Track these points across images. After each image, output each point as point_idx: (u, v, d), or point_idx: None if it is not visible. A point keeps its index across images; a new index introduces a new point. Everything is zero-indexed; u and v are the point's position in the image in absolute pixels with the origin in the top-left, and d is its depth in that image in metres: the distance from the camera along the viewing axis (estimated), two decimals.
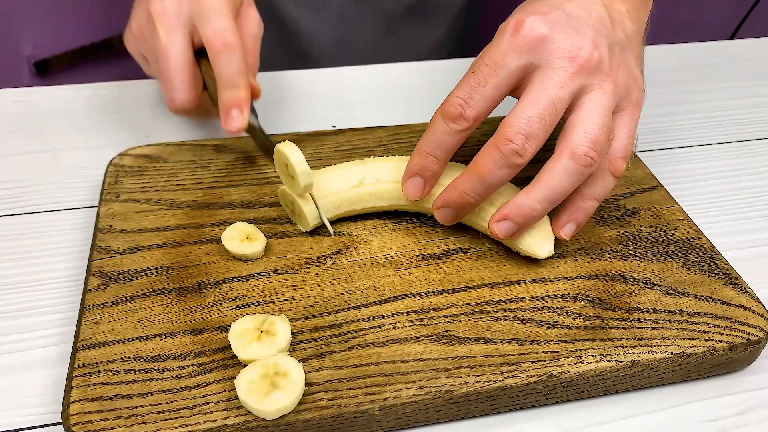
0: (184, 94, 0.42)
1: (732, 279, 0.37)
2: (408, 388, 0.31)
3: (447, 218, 0.38)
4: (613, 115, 0.36)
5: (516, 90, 0.36)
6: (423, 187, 0.38)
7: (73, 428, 0.29)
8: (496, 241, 0.39)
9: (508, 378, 0.32)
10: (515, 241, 0.37)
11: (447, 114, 0.35)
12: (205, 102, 0.45)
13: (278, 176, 0.44)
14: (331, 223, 0.39)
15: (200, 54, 0.43)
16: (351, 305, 0.35)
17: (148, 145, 0.45)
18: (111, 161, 0.44)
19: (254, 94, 0.43)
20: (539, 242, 0.37)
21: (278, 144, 0.37)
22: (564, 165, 0.34)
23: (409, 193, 0.38)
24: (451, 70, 0.60)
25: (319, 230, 0.40)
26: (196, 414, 0.30)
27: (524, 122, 0.34)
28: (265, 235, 0.38)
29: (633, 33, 0.38)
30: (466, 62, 0.61)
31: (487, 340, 0.33)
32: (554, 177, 0.34)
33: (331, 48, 0.71)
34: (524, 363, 0.32)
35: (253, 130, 0.43)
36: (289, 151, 0.36)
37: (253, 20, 0.45)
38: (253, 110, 0.43)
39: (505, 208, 0.36)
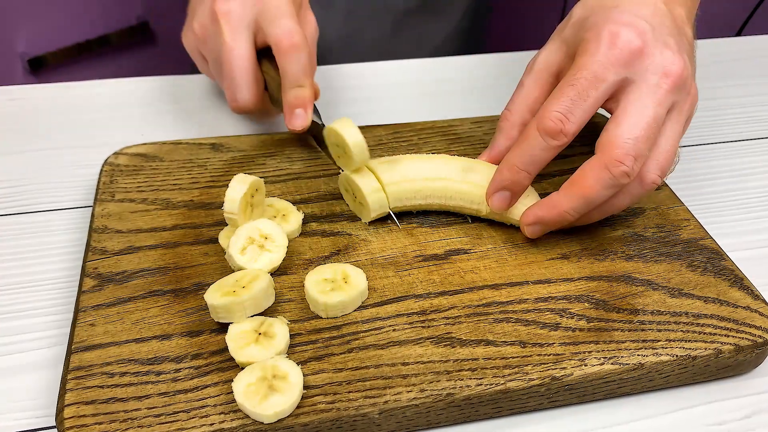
0: (248, 94, 0.43)
1: (738, 280, 0.37)
2: (408, 391, 0.30)
3: (537, 233, 0.38)
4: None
5: (605, 102, 0.36)
6: (510, 201, 0.37)
7: None
8: (498, 242, 0.39)
9: (511, 381, 0.31)
10: (508, 214, 0.38)
11: (546, 129, 0.34)
12: (265, 104, 0.46)
13: (275, 176, 0.43)
14: (335, 232, 0.39)
15: (260, 54, 0.44)
16: None
17: (143, 144, 0.45)
18: (106, 160, 0.43)
19: (315, 94, 0.44)
20: None
21: (330, 124, 0.38)
22: (636, 190, 0.36)
23: (496, 206, 0.38)
24: (458, 67, 0.59)
25: (318, 232, 0.39)
26: (192, 417, 0.29)
27: (633, 143, 0.34)
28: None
29: (691, 39, 0.39)
30: (474, 59, 0.60)
31: (488, 342, 0.33)
32: (597, 191, 0.35)
33: (338, 44, 0.70)
34: (527, 365, 0.32)
35: (317, 127, 0.43)
36: (341, 127, 0.37)
37: (312, 22, 0.46)
38: (315, 110, 0.44)
39: (541, 210, 0.36)
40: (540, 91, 0.39)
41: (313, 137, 0.45)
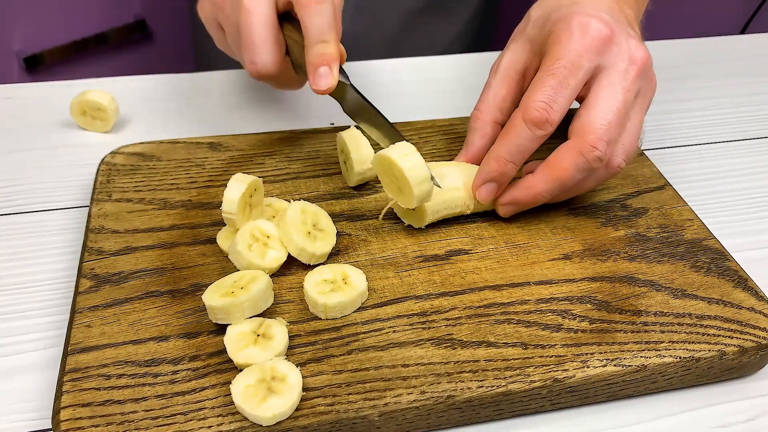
0: (267, 56, 0.40)
1: (742, 281, 0.36)
2: (409, 394, 0.30)
3: (510, 213, 0.39)
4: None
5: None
6: (496, 192, 0.38)
7: None
8: (499, 243, 0.38)
9: (512, 383, 0.31)
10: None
11: (532, 119, 0.35)
12: (287, 70, 0.43)
13: (274, 175, 0.43)
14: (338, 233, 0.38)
15: (282, 19, 0.41)
16: None
17: (141, 143, 0.44)
18: (103, 159, 0.43)
19: (341, 55, 0.41)
20: None
21: (381, 151, 0.36)
22: (602, 174, 0.37)
23: (483, 197, 0.38)
24: (463, 65, 0.59)
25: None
26: (190, 420, 0.29)
27: (605, 128, 0.35)
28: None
29: (640, 36, 0.40)
30: (481, 57, 0.60)
31: (490, 344, 0.32)
32: (572, 174, 0.35)
33: (346, 42, 0.70)
34: (528, 367, 0.31)
35: (344, 89, 0.40)
36: (397, 156, 0.34)
37: None
38: (342, 71, 0.40)
39: (517, 191, 0.37)
40: (508, 89, 0.40)
41: (339, 102, 0.42)
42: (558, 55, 0.35)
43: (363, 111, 0.41)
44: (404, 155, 0.35)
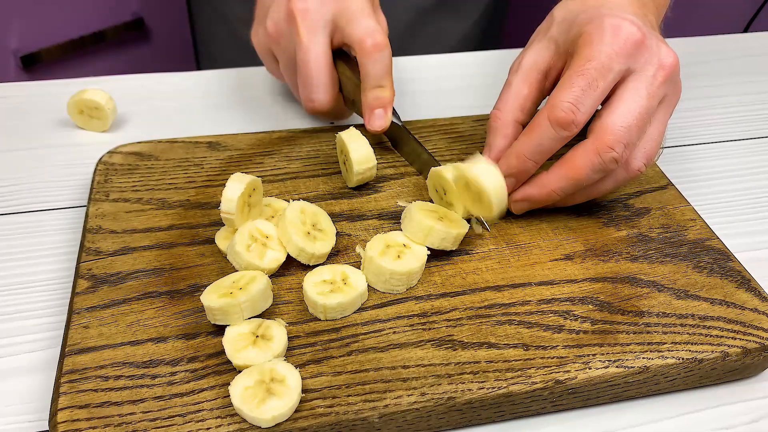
0: (324, 95, 0.42)
1: (746, 281, 0.36)
2: (409, 395, 0.30)
3: (522, 210, 0.39)
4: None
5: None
6: (513, 187, 0.38)
7: None
8: (500, 243, 0.38)
9: (513, 384, 0.31)
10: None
11: (558, 120, 0.35)
12: (340, 104, 0.45)
13: (273, 175, 0.43)
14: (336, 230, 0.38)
15: (334, 54, 0.44)
16: None
17: (138, 143, 0.44)
18: (100, 159, 0.43)
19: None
20: None
21: (437, 168, 0.38)
22: (621, 176, 0.37)
23: None
24: (471, 63, 0.59)
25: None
26: (188, 422, 0.29)
27: (625, 131, 0.35)
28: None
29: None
30: (488, 55, 0.60)
31: (490, 345, 0.32)
32: (588, 174, 0.35)
33: None
34: (529, 369, 0.31)
35: (395, 129, 0.43)
36: (481, 173, 0.35)
37: (384, 23, 0.45)
38: (393, 111, 0.43)
39: (530, 188, 0.37)
40: (529, 89, 0.39)
41: (390, 139, 0.44)
42: (589, 56, 0.35)
43: (408, 147, 0.43)
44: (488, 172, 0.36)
